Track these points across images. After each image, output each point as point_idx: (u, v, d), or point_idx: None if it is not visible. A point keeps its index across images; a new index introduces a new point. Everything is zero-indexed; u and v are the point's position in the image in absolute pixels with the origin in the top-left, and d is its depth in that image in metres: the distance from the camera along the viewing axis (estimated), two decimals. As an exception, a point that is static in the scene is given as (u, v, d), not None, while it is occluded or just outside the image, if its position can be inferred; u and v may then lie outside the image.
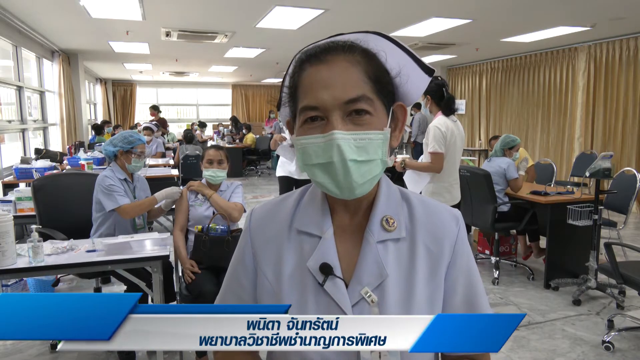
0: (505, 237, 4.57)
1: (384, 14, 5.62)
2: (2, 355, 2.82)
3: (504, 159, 4.14)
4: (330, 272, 0.75)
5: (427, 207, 0.83)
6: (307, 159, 0.74)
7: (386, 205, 0.80)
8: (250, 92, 16.11)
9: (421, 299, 0.77)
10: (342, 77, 0.71)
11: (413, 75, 0.79)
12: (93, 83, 12.38)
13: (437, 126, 3.15)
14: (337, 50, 0.74)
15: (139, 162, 2.89)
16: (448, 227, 0.81)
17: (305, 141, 0.73)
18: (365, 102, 0.72)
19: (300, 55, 0.77)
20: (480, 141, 10.09)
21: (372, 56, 0.75)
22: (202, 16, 5.79)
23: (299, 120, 0.75)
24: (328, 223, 0.80)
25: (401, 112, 0.79)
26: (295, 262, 0.79)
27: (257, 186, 9.26)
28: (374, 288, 0.75)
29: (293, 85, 0.77)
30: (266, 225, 0.84)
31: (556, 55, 8.12)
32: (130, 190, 2.91)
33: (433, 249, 0.79)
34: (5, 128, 5.78)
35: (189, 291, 2.58)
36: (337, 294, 0.75)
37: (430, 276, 0.78)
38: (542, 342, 2.93)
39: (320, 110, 0.71)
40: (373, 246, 0.77)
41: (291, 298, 0.77)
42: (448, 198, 3.25)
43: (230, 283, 0.87)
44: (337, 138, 0.69)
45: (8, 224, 2.08)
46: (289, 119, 0.82)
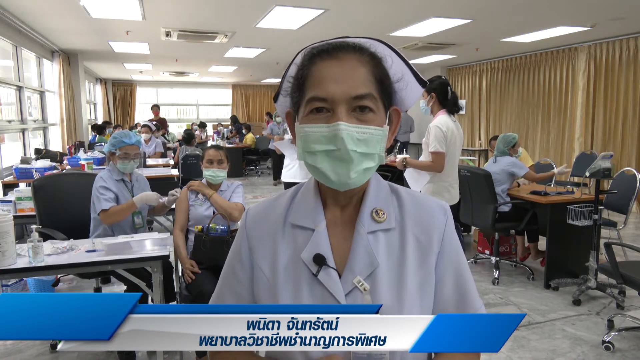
0: (505, 237, 4.57)
1: (384, 14, 5.62)
2: (2, 355, 2.82)
3: (508, 158, 4.15)
4: (323, 262, 0.78)
5: (416, 199, 0.87)
6: (309, 146, 0.76)
7: (376, 198, 0.84)
8: (250, 92, 16.11)
9: (412, 286, 0.79)
10: (351, 74, 0.75)
11: (411, 84, 0.84)
12: (93, 83, 12.38)
13: (438, 126, 3.15)
14: (347, 49, 0.78)
15: (125, 164, 2.84)
16: (436, 219, 0.84)
17: (309, 129, 0.76)
18: (370, 100, 0.76)
19: (311, 49, 0.80)
20: (480, 141, 10.09)
21: (378, 60, 0.80)
22: (202, 16, 5.79)
23: (305, 109, 0.78)
24: (320, 216, 0.83)
25: (396, 116, 0.84)
26: (290, 254, 0.82)
27: (257, 186, 9.26)
28: (366, 277, 0.78)
29: (301, 77, 0.79)
30: (262, 221, 0.88)
31: (556, 55, 8.12)
32: (128, 189, 2.90)
33: (422, 239, 0.82)
34: (5, 128, 5.78)
35: (189, 291, 2.58)
36: (330, 283, 0.77)
37: (420, 264, 0.81)
38: (542, 342, 2.93)
39: (328, 102, 0.75)
40: (364, 237, 0.80)
41: (286, 290, 0.79)
42: (448, 198, 3.25)
43: (227, 278, 0.89)
44: (342, 129, 0.73)
45: (8, 224, 2.08)
46: (289, 110, 0.85)
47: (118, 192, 2.81)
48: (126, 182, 2.90)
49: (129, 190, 2.89)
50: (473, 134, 10.40)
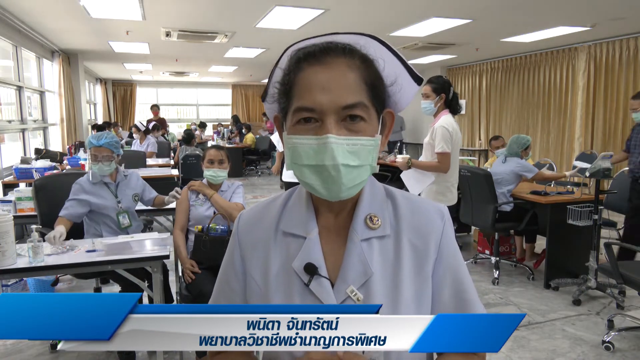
0: (505, 237, 4.57)
1: (384, 14, 5.62)
2: (2, 355, 2.82)
3: (518, 160, 4.14)
4: (315, 271, 0.76)
5: (412, 203, 0.83)
6: (297, 159, 0.73)
7: (370, 203, 0.81)
8: (250, 92, 16.10)
9: (407, 295, 0.76)
10: (340, 82, 0.71)
11: (406, 85, 0.80)
12: (93, 83, 12.38)
13: (444, 126, 3.14)
14: (336, 53, 0.73)
15: (97, 165, 2.77)
16: (433, 223, 0.81)
17: (297, 141, 0.73)
18: (361, 109, 0.72)
19: (297, 52, 0.76)
20: (480, 141, 10.09)
21: (370, 63, 0.75)
22: (202, 16, 5.78)
23: (292, 119, 0.74)
24: (313, 224, 0.80)
25: (389, 119, 0.80)
26: (281, 263, 0.79)
27: (257, 186, 9.26)
28: (359, 286, 0.75)
29: (288, 83, 0.75)
30: (253, 228, 0.85)
31: (556, 55, 8.12)
32: (111, 190, 2.86)
33: (418, 245, 0.79)
34: (5, 128, 5.78)
35: (189, 291, 2.58)
36: (322, 293, 0.75)
37: (416, 272, 0.78)
38: (542, 342, 2.93)
39: (316, 112, 0.71)
40: (357, 244, 0.77)
41: (278, 299, 0.77)
42: (450, 197, 3.25)
43: (221, 286, 0.87)
44: (331, 142, 0.70)
45: (8, 224, 2.08)
46: (277, 115, 0.82)
47: (93, 196, 2.78)
48: (108, 183, 2.86)
49: (111, 191, 2.87)
50: (473, 134, 10.39)
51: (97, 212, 2.80)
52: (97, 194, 2.80)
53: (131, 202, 2.94)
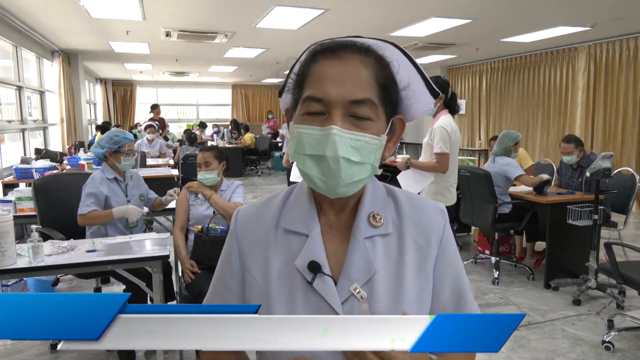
0: (505, 237, 4.57)
1: (384, 14, 5.62)
2: (2, 355, 2.82)
3: (505, 159, 4.11)
4: (318, 270, 0.75)
5: (413, 202, 0.84)
6: (300, 148, 0.73)
7: (372, 202, 0.81)
8: (250, 92, 16.11)
9: (410, 293, 0.77)
10: (352, 76, 0.71)
11: (419, 93, 0.79)
12: (93, 83, 12.38)
13: (443, 126, 3.14)
14: (353, 50, 0.74)
15: (129, 160, 2.87)
16: (434, 221, 0.82)
17: (302, 130, 0.73)
18: (369, 107, 0.72)
19: (316, 46, 0.77)
20: (480, 141, 10.09)
21: (385, 64, 0.76)
22: (202, 16, 5.79)
23: (300, 109, 0.75)
24: (315, 221, 0.80)
25: (399, 126, 0.80)
26: (283, 261, 0.79)
27: (257, 186, 9.26)
28: (363, 284, 0.75)
29: (302, 74, 0.76)
30: (252, 226, 0.84)
31: (556, 55, 8.12)
32: (122, 189, 2.89)
33: (421, 242, 0.80)
34: (5, 128, 5.78)
35: (189, 291, 2.58)
36: (326, 291, 0.74)
37: (419, 270, 0.79)
38: (542, 342, 2.93)
39: (323, 103, 0.71)
40: (361, 242, 0.77)
41: (280, 299, 0.76)
42: (449, 198, 3.25)
43: (217, 286, 0.86)
44: (334, 133, 0.70)
45: (8, 224, 2.08)
46: (288, 107, 0.82)
47: (110, 193, 2.80)
48: (119, 181, 2.89)
49: (122, 189, 2.89)
50: (473, 134, 10.40)
51: (107, 209, 2.80)
52: (112, 191, 2.83)
53: (138, 202, 2.95)
